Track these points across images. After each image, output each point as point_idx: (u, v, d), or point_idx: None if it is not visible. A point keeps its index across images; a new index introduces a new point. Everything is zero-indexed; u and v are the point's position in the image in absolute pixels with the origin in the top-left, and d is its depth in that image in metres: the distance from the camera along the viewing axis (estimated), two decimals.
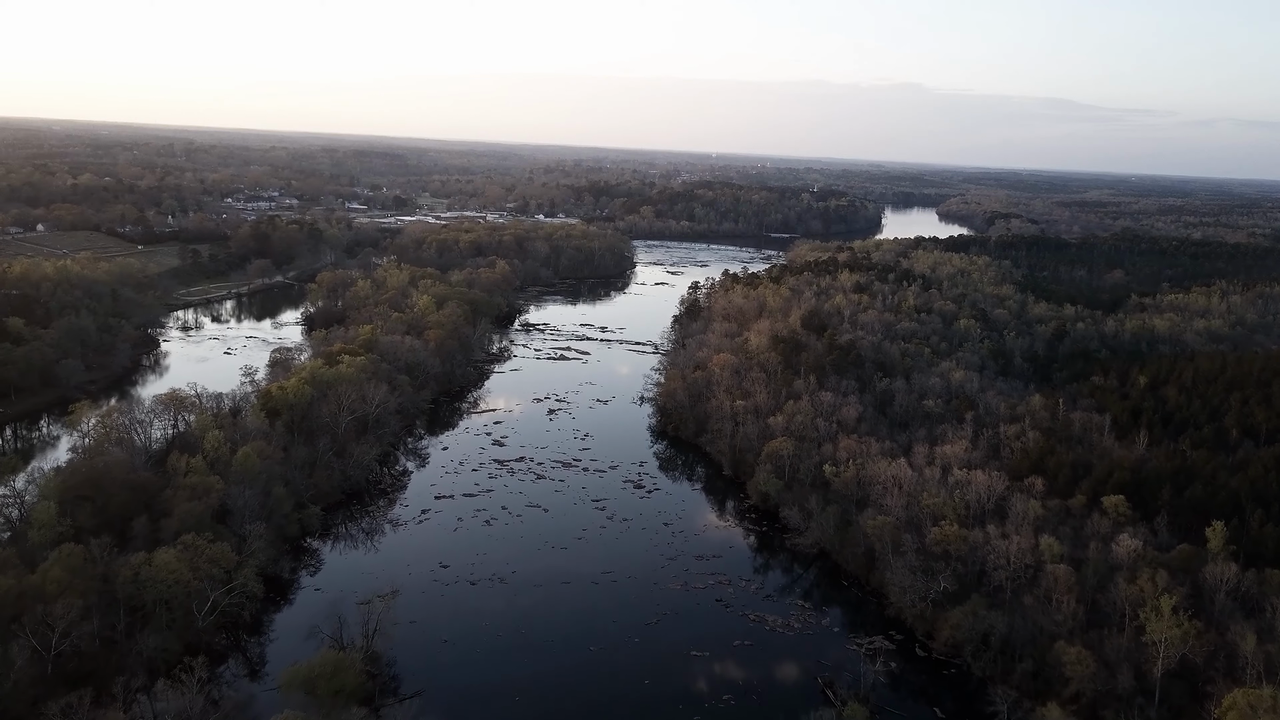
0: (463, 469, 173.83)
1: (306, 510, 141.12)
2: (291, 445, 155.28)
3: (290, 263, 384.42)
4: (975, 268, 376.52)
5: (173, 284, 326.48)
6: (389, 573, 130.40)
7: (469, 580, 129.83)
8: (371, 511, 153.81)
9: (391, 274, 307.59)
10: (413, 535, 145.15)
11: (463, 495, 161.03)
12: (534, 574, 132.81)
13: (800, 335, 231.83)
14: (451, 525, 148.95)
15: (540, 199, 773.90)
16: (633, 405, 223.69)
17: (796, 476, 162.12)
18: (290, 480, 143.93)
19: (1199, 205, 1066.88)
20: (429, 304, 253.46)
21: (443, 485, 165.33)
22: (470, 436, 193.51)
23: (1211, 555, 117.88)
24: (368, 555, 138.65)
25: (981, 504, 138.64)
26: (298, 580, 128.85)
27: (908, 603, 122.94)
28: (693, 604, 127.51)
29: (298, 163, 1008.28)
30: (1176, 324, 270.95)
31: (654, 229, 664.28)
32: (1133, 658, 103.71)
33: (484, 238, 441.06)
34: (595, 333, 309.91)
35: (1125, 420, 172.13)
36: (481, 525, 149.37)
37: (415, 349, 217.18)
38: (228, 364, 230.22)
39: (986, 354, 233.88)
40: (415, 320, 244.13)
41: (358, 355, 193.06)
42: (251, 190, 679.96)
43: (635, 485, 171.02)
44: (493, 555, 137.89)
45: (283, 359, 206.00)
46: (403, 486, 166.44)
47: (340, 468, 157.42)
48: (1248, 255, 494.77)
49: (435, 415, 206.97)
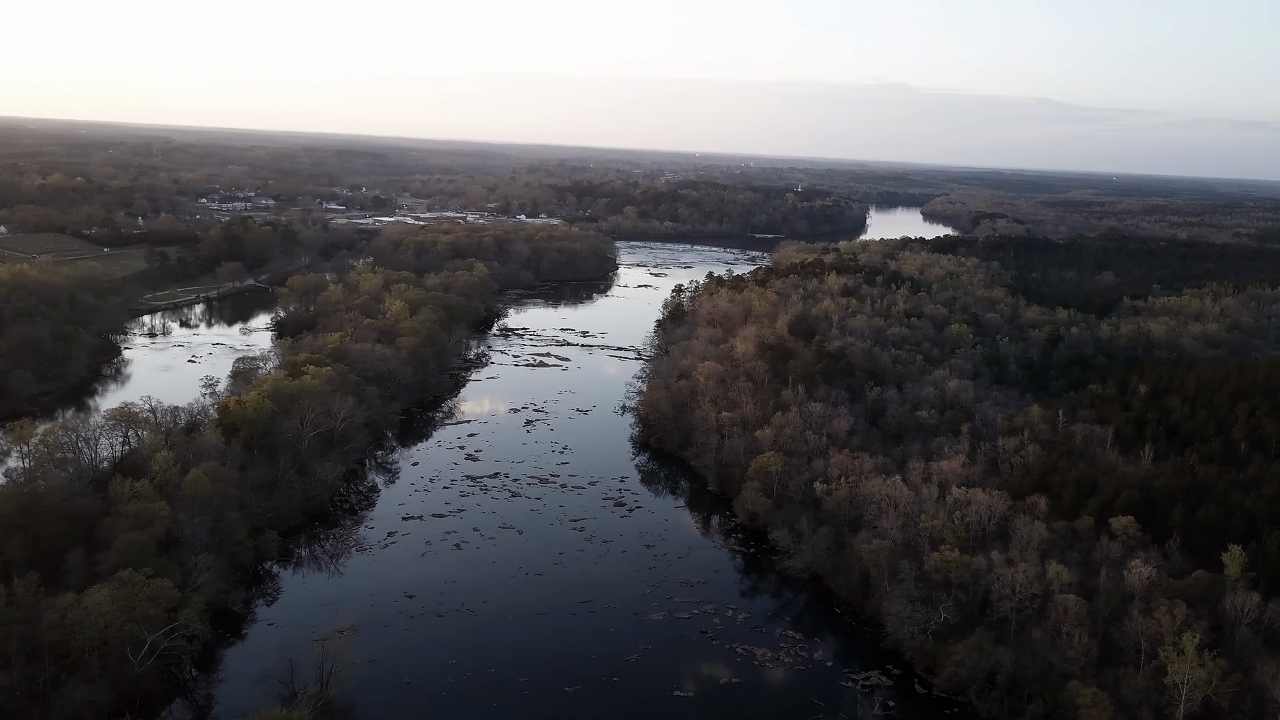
0: (433, 486, 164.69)
1: (263, 536, 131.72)
2: (250, 464, 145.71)
3: (263, 265, 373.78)
4: (964, 270, 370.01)
5: (138, 288, 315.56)
6: (350, 604, 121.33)
7: (436, 612, 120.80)
8: (334, 535, 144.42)
9: (365, 278, 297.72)
10: (377, 561, 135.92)
11: (432, 516, 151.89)
12: (506, 605, 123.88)
13: (788, 342, 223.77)
14: (419, 550, 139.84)
15: (523, 199, 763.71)
16: (614, 415, 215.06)
17: (786, 494, 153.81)
18: (246, 503, 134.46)
19: (1183, 205, 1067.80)
20: (402, 309, 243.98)
21: (411, 505, 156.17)
22: (443, 450, 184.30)
23: (1230, 583, 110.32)
24: (328, 584, 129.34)
25: (982, 525, 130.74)
26: (251, 614, 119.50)
27: (906, 634, 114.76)
28: (676, 636, 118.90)
29: (278, 162, 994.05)
30: (1172, 328, 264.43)
31: (638, 230, 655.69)
32: (1152, 699, 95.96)
33: (463, 239, 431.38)
34: (576, 338, 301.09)
35: (1129, 433, 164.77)
36: (451, 549, 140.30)
37: (386, 358, 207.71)
38: (191, 373, 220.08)
39: (980, 361, 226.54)
40: (388, 327, 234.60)
41: (324, 365, 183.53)
42: (227, 190, 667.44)
43: (616, 503, 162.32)
44: (462, 583, 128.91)
45: (245, 369, 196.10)
46: (369, 506, 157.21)
47: (302, 488, 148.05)
48: (1236, 256, 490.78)
49: (407, 428, 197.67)
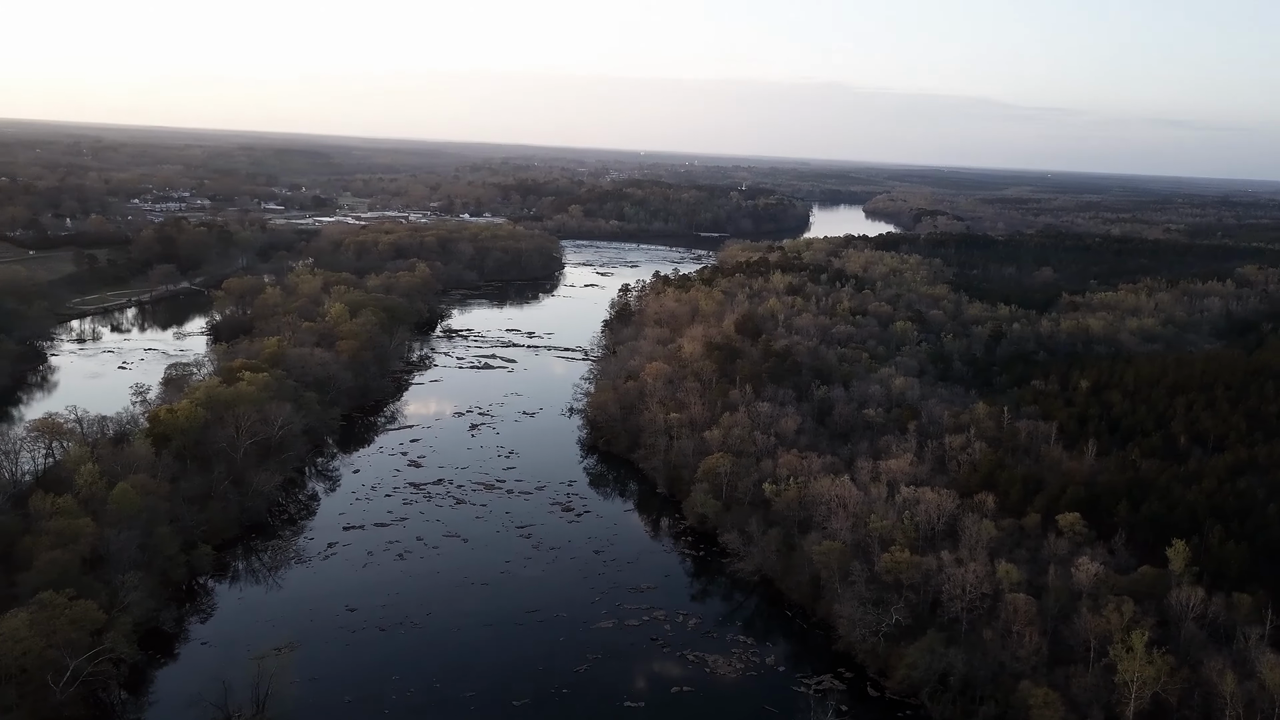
0: (375, 494, 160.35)
1: (196, 550, 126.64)
2: (182, 475, 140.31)
3: (198, 268, 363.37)
4: (907, 267, 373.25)
5: (66, 292, 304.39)
6: (289, 619, 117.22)
7: (378, 626, 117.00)
8: (273, 547, 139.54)
9: (304, 280, 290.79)
10: (317, 573, 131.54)
11: (374, 525, 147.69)
12: (451, 616, 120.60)
13: (735, 341, 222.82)
14: (361, 560, 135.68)
15: (466, 198, 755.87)
16: (561, 417, 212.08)
17: (735, 495, 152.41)
18: (178, 517, 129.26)
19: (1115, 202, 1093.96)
20: (342, 312, 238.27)
21: (353, 514, 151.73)
22: (385, 457, 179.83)
23: (1175, 578, 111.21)
24: (266, 599, 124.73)
25: (932, 524, 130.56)
26: (184, 633, 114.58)
27: (858, 637, 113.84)
28: (626, 644, 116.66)
29: (214, 162, 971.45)
30: (1110, 324, 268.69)
31: (583, 229, 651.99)
32: (1102, 698, 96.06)
33: (405, 239, 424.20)
34: (522, 338, 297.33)
35: (1072, 428, 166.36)
36: (394, 560, 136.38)
37: (326, 362, 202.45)
38: (121, 380, 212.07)
39: (925, 358, 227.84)
40: (327, 330, 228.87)
41: (261, 371, 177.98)
42: (161, 191, 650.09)
43: (564, 508, 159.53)
44: (406, 595, 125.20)
45: (178, 376, 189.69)
46: (309, 516, 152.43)
47: (238, 499, 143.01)
48: (1168, 252, 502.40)
49: (348, 434, 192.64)
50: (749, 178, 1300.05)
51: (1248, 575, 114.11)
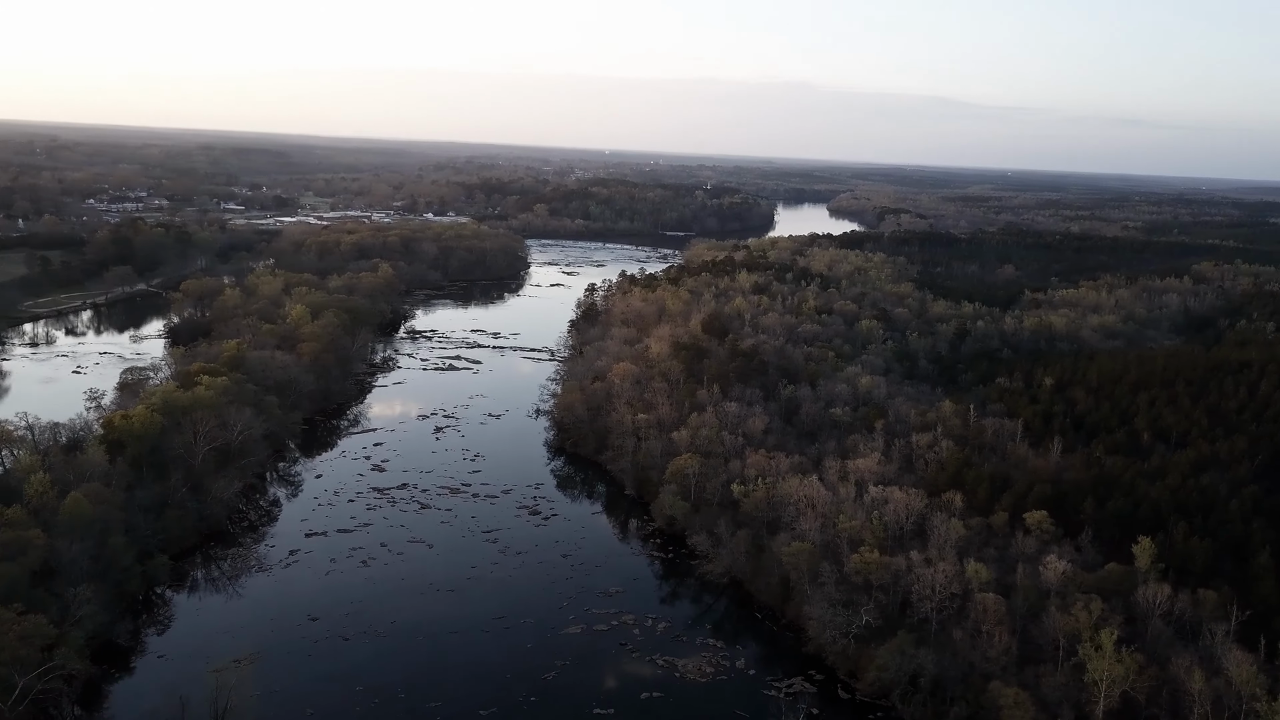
0: (338, 500, 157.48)
1: (153, 560, 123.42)
2: (138, 484, 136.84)
3: (155, 269, 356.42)
4: (872, 265, 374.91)
5: (18, 295, 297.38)
6: (249, 630, 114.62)
7: (341, 636, 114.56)
8: (232, 556, 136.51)
9: (264, 281, 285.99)
10: (278, 582, 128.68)
11: (337, 531, 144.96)
12: (417, 624, 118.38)
13: (702, 341, 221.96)
14: (323, 568, 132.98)
15: (430, 197, 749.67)
16: (528, 419, 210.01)
17: (704, 496, 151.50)
18: (134, 526, 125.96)
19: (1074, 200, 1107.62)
20: (303, 314, 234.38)
21: (315, 520, 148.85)
22: (348, 461, 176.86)
23: (1141, 575, 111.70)
24: (225, 609, 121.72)
25: (900, 524, 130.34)
26: (140, 646, 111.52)
27: (828, 639, 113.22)
28: (595, 650, 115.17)
29: (172, 161, 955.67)
30: (1072, 320, 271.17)
31: (548, 228, 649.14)
32: (1072, 697, 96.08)
33: (368, 239, 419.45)
34: (487, 339, 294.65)
35: (1037, 425, 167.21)
36: (358, 567, 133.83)
37: (287, 365, 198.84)
38: (75, 385, 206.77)
39: (891, 356, 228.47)
40: (288, 332, 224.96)
41: (220, 375, 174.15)
42: (117, 191, 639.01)
43: (531, 512, 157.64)
44: (370, 603, 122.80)
45: (134, 381, 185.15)
46: (270, 523, 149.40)
47: (196, 507, 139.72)
48: (1126, 249, 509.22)
49: (310, 438, 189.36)
50: (714, 176, 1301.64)
51: (1211, 571, 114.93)
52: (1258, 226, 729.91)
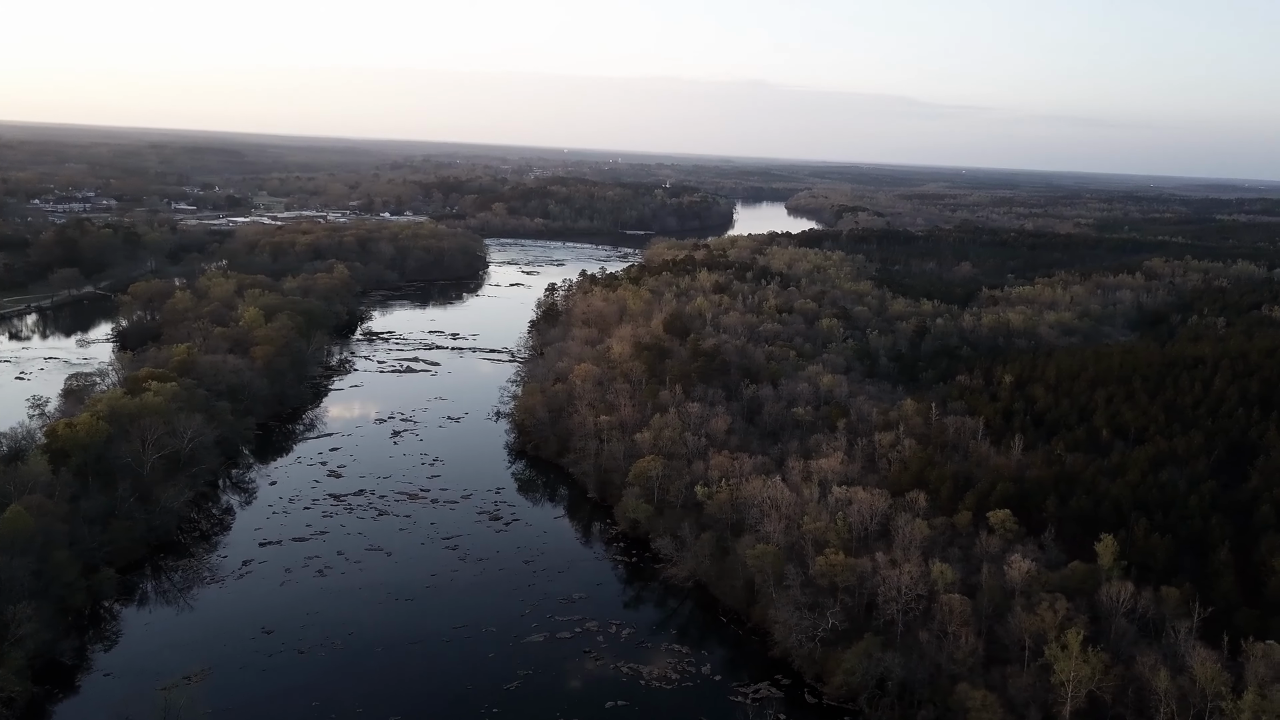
0: (293, 507, 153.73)
1: (99, 574, 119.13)
2: (83, 494, 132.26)
3: (103, 271, 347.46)
4: (831, 263, 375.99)
5: None
6: (200, 644, 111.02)
7: (297, 649, 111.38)
8: (183, 567, 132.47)
9: (216, 283, 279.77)
10: (231, 594, 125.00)
11: (292, 540, 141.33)
12: (375, 635, 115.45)
13: (664, 341, 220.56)
14: (278, 578, 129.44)
15: (387, 196, 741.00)
16: (488, 422, 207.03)
17: (667, 499, 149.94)
18: (79, 538, 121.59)
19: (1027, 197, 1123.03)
20: (256, 316, 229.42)
21: (269, 529, 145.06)
22: (303, 467, 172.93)
23: (1105, 573, 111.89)
24: (176, 623, 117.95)
25: (865, 525, 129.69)
26: (86, 663, 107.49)
27: (794, 642, 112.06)
28: (559, 658, 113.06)
29: (122, 160, 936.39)
30: (1029, 317, 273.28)
31: (507, 227, 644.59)
32: (1039, 698, 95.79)
33: (323, 239, 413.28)
34: (446, 340, 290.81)
35: (998, 423, 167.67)
36: (313, 577, 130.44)
37: (240, 369, 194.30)
38: (18, 392, 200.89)
39: (851, 355, 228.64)
40: (241, 335, 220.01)
41: (169, 380, 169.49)
42: (63, 191, 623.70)
43: (492, 517, 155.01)
44: (326, 614, 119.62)
45: (80, 387, 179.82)
46: (223, 532, 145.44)
47: (144, 517, 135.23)
48: (1079, 245, 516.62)
49: (264, 444, 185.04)
50: (673, 175, 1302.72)
51: (1172, 567, 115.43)
52: (1204, 223, 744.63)
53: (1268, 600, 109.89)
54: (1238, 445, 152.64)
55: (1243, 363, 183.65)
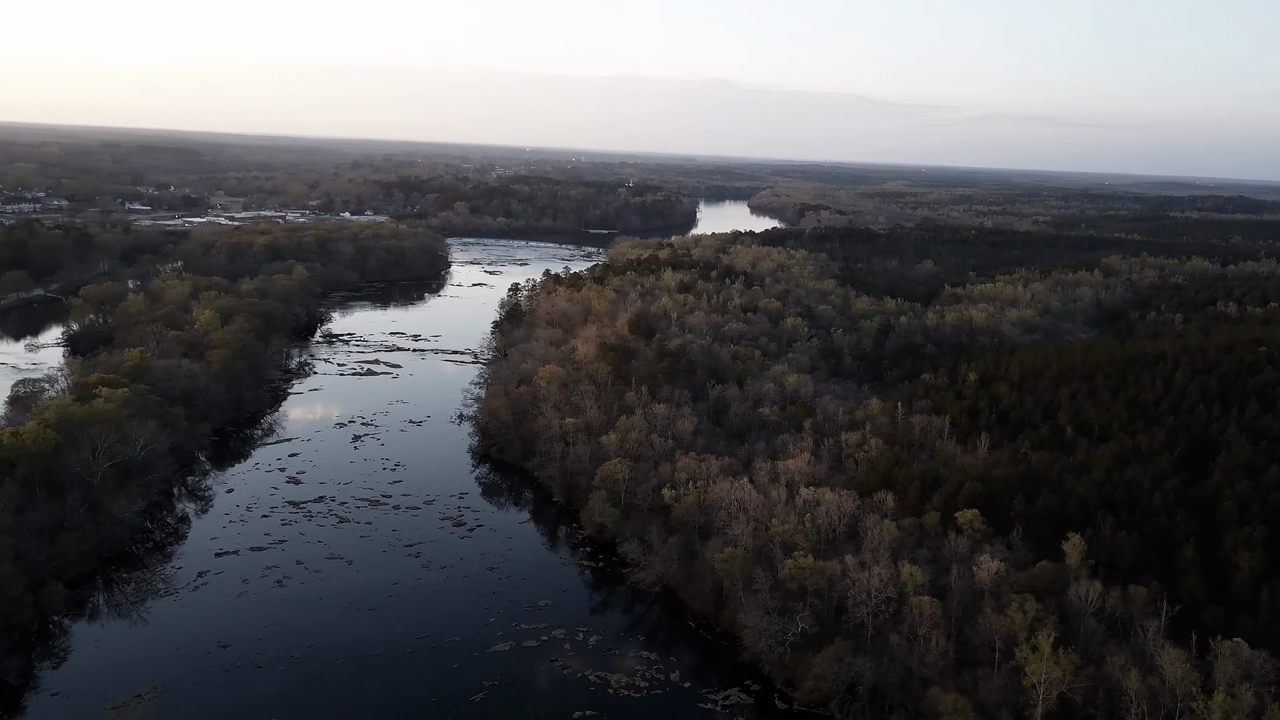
0: (250, 516, 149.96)
1: (46, 588, 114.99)
2: (29, 505, 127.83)
3: (53, 274, 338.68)
4: (794, 262, 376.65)
5: None
6: (153, 660, 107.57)
7: (254, 663, 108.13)
8: (136, 580, 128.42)
9: (170, 285, 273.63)
10: (186, 607, 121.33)
11: (250, 550, 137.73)
12: (335, 646, 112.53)
13: (629, 341, 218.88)
14: (235, 590, 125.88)
15: (346, 196, 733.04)
16: (450, 425, 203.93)
17: (634, 502, 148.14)
18: (25, 552, 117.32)
19: (986, 195, 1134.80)
20: (212, 319, 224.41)
21: (226, 539, 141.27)
22: (261, 474, 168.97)
23: (1073, 572, 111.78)
24: (128, 639, 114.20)
25: (833, 526, 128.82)
26: (33, 683, 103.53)
27: (764, 647, 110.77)
28: (525, 668, 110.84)
29: (74, 159, 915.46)
30: (992, 315, 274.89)
31: (469, 226, 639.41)
32: (1010, 700, 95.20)
33: (282, 239, 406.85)
34: (407, 342, 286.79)
35: (964, 422, 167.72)
36: (272, 587, 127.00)
37: (195, 374, 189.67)
38: None
39: (816, 353, 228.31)
40: (196, 339, 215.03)
41: (121, 386, 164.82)
42: (12, 191, 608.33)
43: (455, 523, 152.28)
44: (285, 626, 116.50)
45: (27, 394, 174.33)
46: (178, 541, 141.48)
47: (95, 528, 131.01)
48: (1039, 243, 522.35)
49: (220, 450, 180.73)
50: (636, 174, 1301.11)
51: (1139, 565, 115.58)
52: (1159, 220, 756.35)
53: (1233, 597, 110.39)
54: (1199, 441, 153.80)
55: (1202, 359, 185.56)
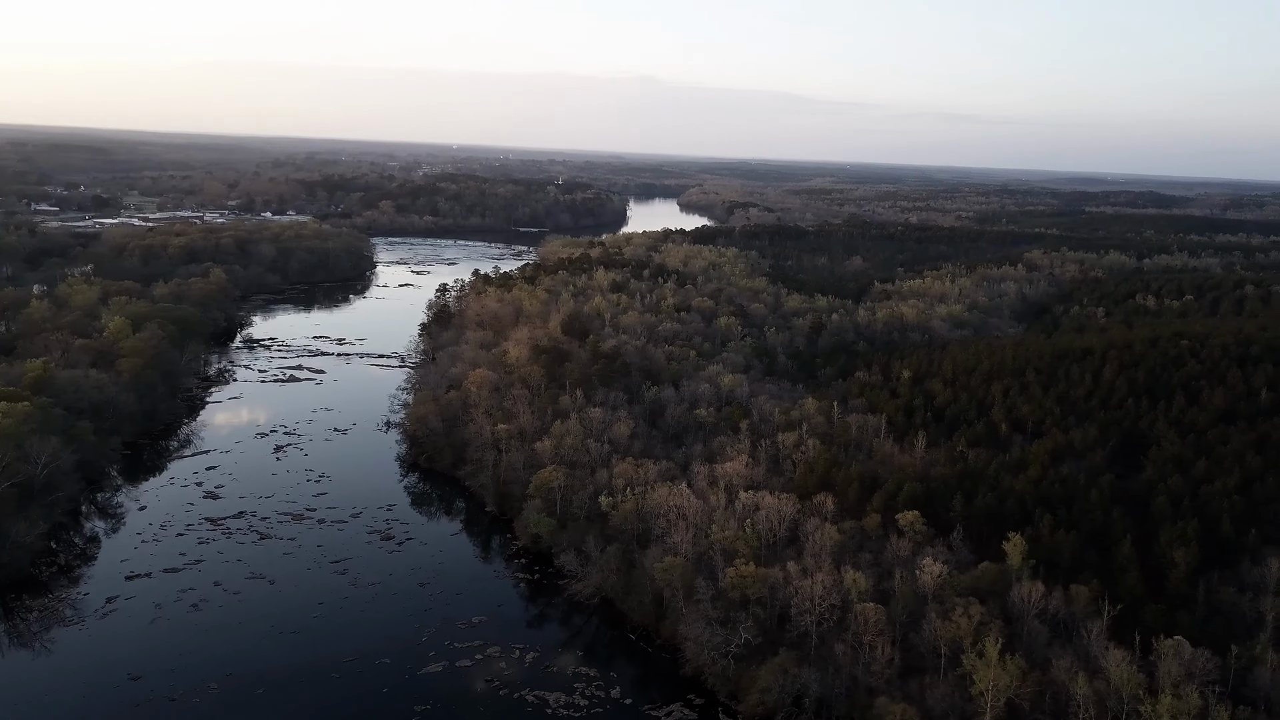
0: (164, 534, 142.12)
1: None
2: None
3: None
4: (725, 260, 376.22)
5: None
6: (57, 697, 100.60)
7: (168, 696, 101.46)
8: (38, 608, 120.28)
9: (78, 290, 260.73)
10: (93, 637, 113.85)
11: (163, 571, 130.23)
12: (256, 674, 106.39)
13: (562, 343, 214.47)
14: (147, 616, 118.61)
15: (268, 195, 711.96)
16: (377, 433, 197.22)
17: (570, 511, 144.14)
18: None
19: (910, 191, 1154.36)
20: (123, 326, 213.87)
21: (137, 560, 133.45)
22: (176, 489, 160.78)
23: (1014, 573, 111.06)
24: (29, 672, 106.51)
25: (774, 531, 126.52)
26: None
27: (706, 659, 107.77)
28: (460, 689, 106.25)
29: None
30: (922, 311, 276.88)
31: (395, 225, 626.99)
32: (958, 708, 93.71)
33: (199, 241, 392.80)
34: (331, 346, 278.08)
35: (900, 420, 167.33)
36: (188, 612, 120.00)
37: (103, 384, 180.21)
38: None
39: (750, 353, 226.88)
40: (105, 347, 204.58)
41: (21, 400, 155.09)
42: None
43: (384, 536, 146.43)
44: (202, 653, 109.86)
45: None
46: (85, 563, 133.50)
47: None
48: (963, 238, 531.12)
49: (133, 464, 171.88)
50: (565, 171, 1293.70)
51: (1079, 564, 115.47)
52: (1075, 215, 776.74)
53: (1170, 593, 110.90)
54: (1130, 436, 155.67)
55: (1128, 353, 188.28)
